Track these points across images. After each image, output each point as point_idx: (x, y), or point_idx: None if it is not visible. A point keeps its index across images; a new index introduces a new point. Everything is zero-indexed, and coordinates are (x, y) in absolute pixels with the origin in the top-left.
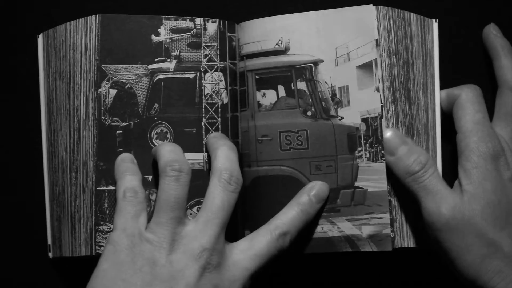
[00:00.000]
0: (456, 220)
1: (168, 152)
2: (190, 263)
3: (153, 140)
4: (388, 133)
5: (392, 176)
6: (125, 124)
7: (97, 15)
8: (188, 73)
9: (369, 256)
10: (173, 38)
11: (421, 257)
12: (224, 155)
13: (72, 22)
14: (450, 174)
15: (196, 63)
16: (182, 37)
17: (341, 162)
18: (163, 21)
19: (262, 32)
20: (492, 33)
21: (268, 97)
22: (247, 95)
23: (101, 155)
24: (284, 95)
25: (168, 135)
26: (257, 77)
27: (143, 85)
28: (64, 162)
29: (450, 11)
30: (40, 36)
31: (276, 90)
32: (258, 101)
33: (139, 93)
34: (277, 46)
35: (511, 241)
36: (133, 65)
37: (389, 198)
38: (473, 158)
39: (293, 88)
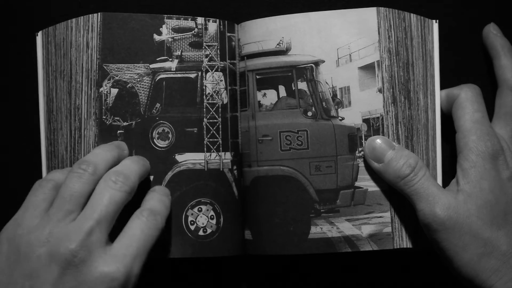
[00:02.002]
0: (452, 220)
1: (90, 153)
2: (56, 257)
3: (154, 140)
4: (377, 141)
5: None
6: (127, 123)
7: (99, 14)
8: (189, 73)
9: (368, 256)
10: (175, 38)
11: (420, 257)
12: (121, 164)
13: (73, 20)
14: (450, 174)
15: (197, 62)
16: (183, 36)
17: (341, 163)
18: (165, 20)
19: (264, 32)
20: (492, 32)
21: (268, 97)
22: (248, 95)
23: None
24: (285, 95)
25: (170, 135)
26: (257, 77)
27: (145, 85)
28: (64, 161)
29: (450, 12)
30: (39, 33)
31: (277, 90)
32: (259, 101)
33: (140, 93)
34: (278, 46)
35: (509, 240)
36: (135, 64)
37: (388, 198)
38: (471, 157)
39: (293, 88)
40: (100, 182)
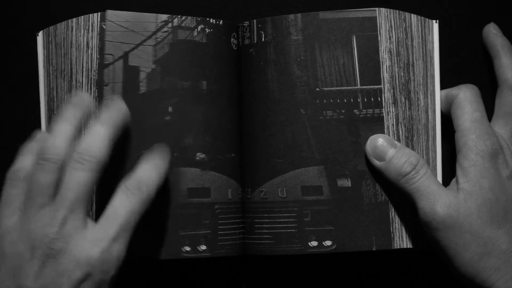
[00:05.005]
0: (452, 218)
1: (51, 135)
2: (34, 251)
3: None
4: (379, 139)
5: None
6: None
7: (99, 13)
8: None
9: (368, 256)
10: None
11: (419, 257)
12: (86, 137)
13: (74, 19)
14: (450, 174)
15: None
16: None
17: None
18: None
19: None
20: (492, 32)
21: None
22: None
23: None
24: None
25: None
26: None
27: None
28: None
29: (450, 12)
30: (40, 33)
31: None
32: None
33: None
34: None
35: (509, 238)
36: None
37: (388, 198)
38: (471, 156)
39: None
40: (66, 168)
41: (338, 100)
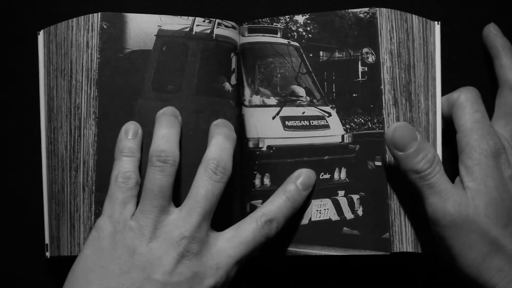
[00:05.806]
0: (462, 217)
1: (160, 138)
2: (169, 250)
3: None
4: (400, 128)
5: (391, 179)
6: None
7: (99, 13)
8: None
9: (367, 259)
10: None
11: (418, 259)
12: (216, 144)
13: (74, 19)
14: (450, 176)
15: None
16: None
17: None
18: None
19: None
20: (492, 32)
21: None
22: None
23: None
24: None
25: None
26: None
27: None
28: (64, 160)
29: (453, 13)
30: (41, 32)
31: None
32: None
33: None
34: None
35: None
36: None
37: (388, 201)
38: (474, 155)
39: None
40: (200, 171)
41: None
